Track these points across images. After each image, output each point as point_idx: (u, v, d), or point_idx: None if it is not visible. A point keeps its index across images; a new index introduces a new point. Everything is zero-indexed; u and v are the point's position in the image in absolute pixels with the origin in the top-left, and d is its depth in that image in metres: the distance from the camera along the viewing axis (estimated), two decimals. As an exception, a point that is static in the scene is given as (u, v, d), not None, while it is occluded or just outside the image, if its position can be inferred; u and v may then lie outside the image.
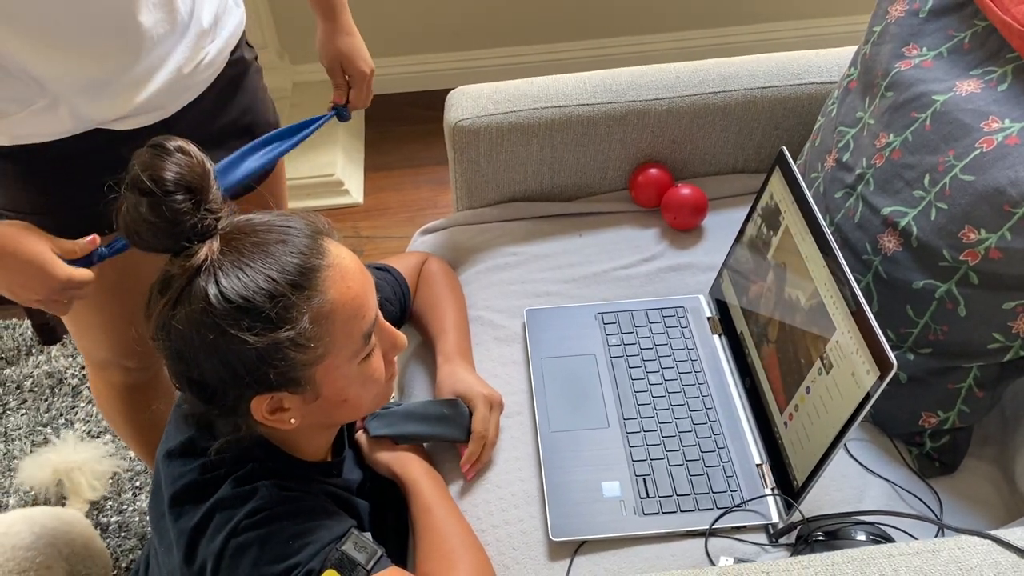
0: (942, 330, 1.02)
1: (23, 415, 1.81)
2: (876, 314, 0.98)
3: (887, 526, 0.95)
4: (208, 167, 0.76)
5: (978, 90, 1.02)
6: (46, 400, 1.84)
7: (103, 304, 1.14)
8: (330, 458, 0.97)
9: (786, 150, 1.10)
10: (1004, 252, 0.94)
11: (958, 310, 0.99)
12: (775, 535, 0.99)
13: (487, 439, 1.06)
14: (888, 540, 0.92)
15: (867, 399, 0.88)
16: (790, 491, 1.01)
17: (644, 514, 1.01)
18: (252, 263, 0.74)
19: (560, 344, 1.22)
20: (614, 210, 1.43)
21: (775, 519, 1.01)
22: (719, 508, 1.02)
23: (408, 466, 1.00)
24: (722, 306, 1.24)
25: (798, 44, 1.91)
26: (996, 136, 0.97)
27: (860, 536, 0.91)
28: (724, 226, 1.35)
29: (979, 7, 1.06)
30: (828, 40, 2.29)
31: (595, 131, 1.39)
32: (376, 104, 1.32)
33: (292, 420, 0.82)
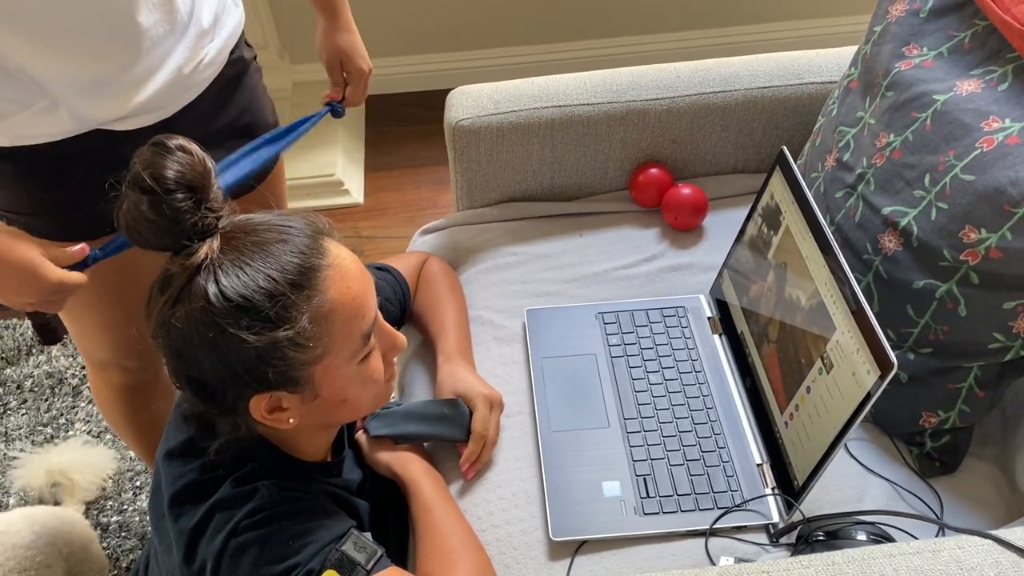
0: (942, 330, 1.02)
1: (23, 415, 1.81)
2: (876, 314, 0.98)
3: (888, 526, 0.95)
4: (209, 166, 0.76)
5: (978, 90, 1.02)
6: (46, 400, 1.84)
7: (103, 305, 1.14)
8: (330, 458, 0.97)
9: (786, 150, 1.10)
10: (1004, 252, 0.94)
11: (958, 310, 0.99)
12: (776, 535, 0.99)
13: (487, 439, 1.06)
14: (889, 540, 0.92)
15: (867, 399, 0.88)
16: (790, 491, 1.01)
17: (644, 514, 1.01)
18: (252, 262, 0.75)
19: (560, 344, 1.22)
20: (614, 210, 1.43)
21: (775, 519, 1.01)
22: (719, 508, 1.02)
23: (408, 466, 1.00)
24: (722, 306, 1.24)
25: (798, 44, 1.91)
26: (996, 136, 0.97)
27: (861, 536, 0.91)
28: (724, 226, 1.34)
29: (979, 7, 1.06)
30: (828, 40, 2.29)
31: (595, 131, 1.39)
32: (376, 104, 1.32)
33: (291, 420, 0.82)
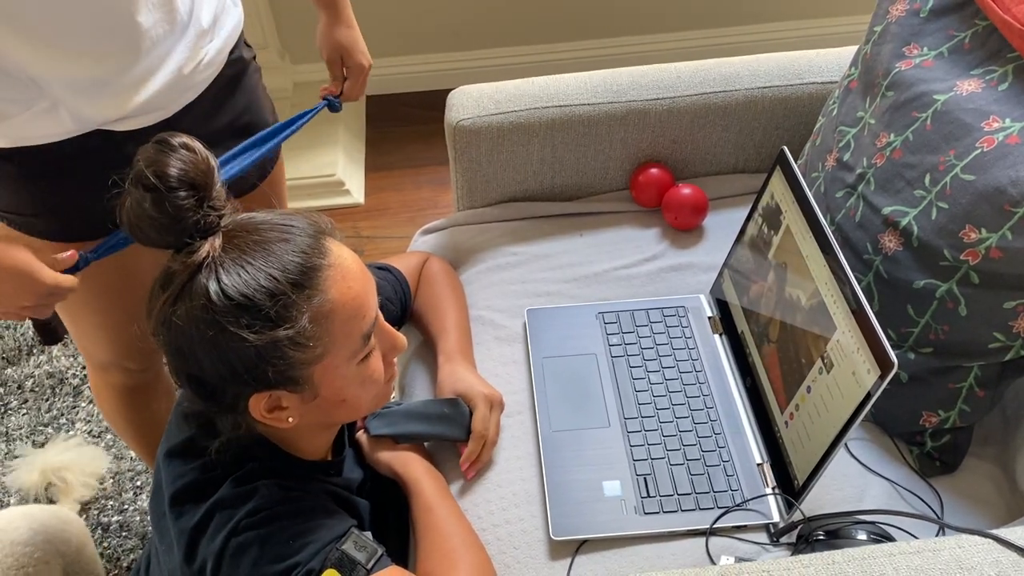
0: (943, 329, 1.02)
1: (24, 415, 1.81)
2: (877, 313, 0.98)
3: (888, 525, 0.95)
4: (212, 164, 0.76)
5: (979, 90, 1.02)
6: (47, 400, 1.84)
7: (104, 305, 1.14)
8: (330, 457, 0.97)
9: (787, 150, 1.10)
10: (1005, 252, 0.94)
11: (959, 309, 0.99)
12: (776, 534, 0.99)
13: (487, 438, 1.06)
14: (889, 539, 0.92)
15: (868, 398, 0.88)
16: (791, 490, 1.01)
17: (645, 513, 1.01)
18: (253, 261, 0.75)
19: (561, 344, 1.22)
20: (615, 210, 1.43)
21: (776, 518, 1.01)
22: (720, 507, 1.02)
23: (409, 465, 1.00)
24: (723, 306, 1.24)
25: (798, 44, 1.90)
26: (997, 136, 0.97)
27: (861, 535, 0.91)
28: (725, 226, 1.34)
29: (980, 7, 1.06)
30: (828, 40, 2.28)
31: (596, 131, 1.39)
32: (376, 104, 1.32)
33: (290, 419, 0.82)
